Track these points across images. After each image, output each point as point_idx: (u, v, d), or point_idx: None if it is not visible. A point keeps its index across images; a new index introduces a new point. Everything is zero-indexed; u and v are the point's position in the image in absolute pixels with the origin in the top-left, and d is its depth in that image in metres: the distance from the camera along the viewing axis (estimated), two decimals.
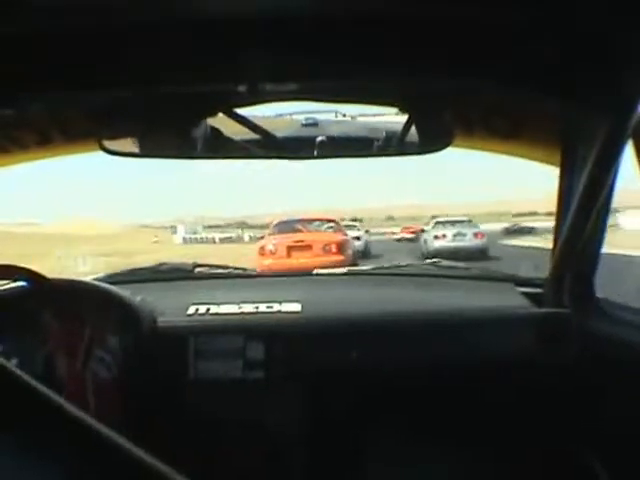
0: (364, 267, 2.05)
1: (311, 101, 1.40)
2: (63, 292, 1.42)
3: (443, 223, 17.41)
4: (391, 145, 1.42)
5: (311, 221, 11.62)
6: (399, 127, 1.38)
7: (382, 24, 1.02)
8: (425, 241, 16.85)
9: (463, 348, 1.50)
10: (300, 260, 9.04)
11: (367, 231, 20.34)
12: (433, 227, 17.32)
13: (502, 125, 1.47)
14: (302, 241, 9.85)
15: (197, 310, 1.55)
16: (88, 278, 1.60)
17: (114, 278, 1.74)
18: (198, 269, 1.89)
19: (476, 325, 1.52)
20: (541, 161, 1.56)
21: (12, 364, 0.33)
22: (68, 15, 0.94)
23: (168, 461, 0.31)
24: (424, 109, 1.38)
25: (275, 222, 11.86)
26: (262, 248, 10.09)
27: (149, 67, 1.12)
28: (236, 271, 1.99)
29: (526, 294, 1.61)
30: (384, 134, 1.42)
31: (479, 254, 14.41)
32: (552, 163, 1.51)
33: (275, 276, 2.11)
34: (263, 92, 1.29)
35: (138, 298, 1.47)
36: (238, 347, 1.46)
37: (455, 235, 15.83)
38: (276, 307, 1.55)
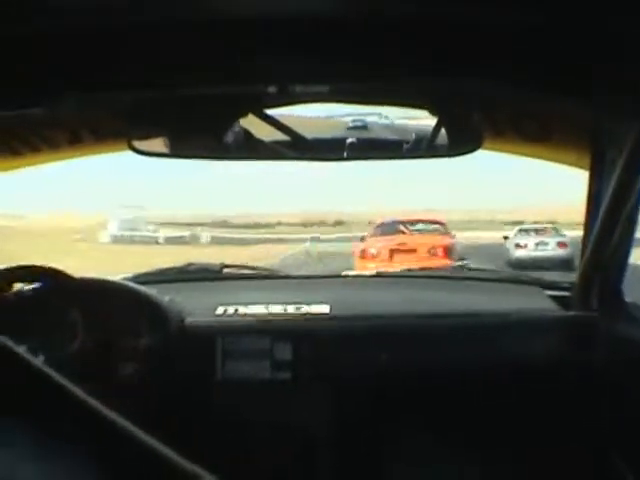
0: (392, 269, 2.05)
1: (340, 102, 1.40)
2: (91, 291, 1.43)
3: (527, 230, 16.39)
4: (421, 147, 1.42)
5: (414, 222, 10.94)
6: (429, 129, 1.38)
7: (411, 26, 1.02)
8: (508, 250, 15.60)
9: (491, 350, 1.50)
10: (404, 264, 8.29)
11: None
12: (515, 235, 16.21)
13: (532, 128, 1.47)
14: (405, 244, 9.34)
15: (225, 310, 1.55)
16: (117, 278, 1.61)
17: (142, 278, 1.75)
18: (226, 270, 1.89)
19: (504, 328, 1.52)
20: (570, 164, 1.56)
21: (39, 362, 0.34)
22: (98, 14, 0.95)
23: (195, 461, 0.31)
24: (453, 111, 1.38)
25: (376, 223, 11.30)
26: (364, 251, 9.62)
27: (178, 67, 1.13)
28: (264, 272, 1.99)
29: (554, 297, 1.61)
30: (414, 136, 1.42)
31: (562, 265, 12.88)
32: (581, 167, 1.51)
33: (303, 278, 2.11)
34: (293, 93, 1.29)
35: (166, 298, 1.48)
36: (266, 348, 1.47)
37: (537, 244, 14.91)
38: (304, 308, 1.55)
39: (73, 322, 1.37)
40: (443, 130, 1.38)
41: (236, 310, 1.55)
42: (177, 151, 1.46)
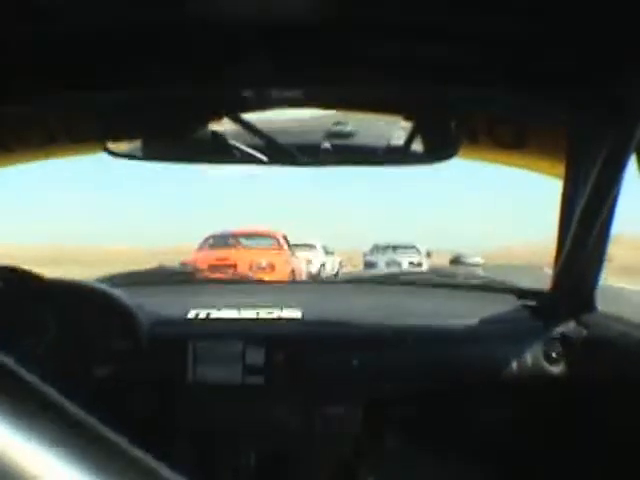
0: (366, 275, 2.06)
1: (317, 108, 1.41)
2: (62, 293, 1.42)
3: (383, 247, 15.70)
4: (395, 154, 1.42)
5: (250, 235, 10.31)
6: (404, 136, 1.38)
7: (390, 33, 1.03)
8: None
9: (462, 358, 1.50)
10: None
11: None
12: (371, 251, 15.55)
13: (507, 136, 1.47)
14: (226, 259, 8.63)
15: (197, 315, 1.54)
16: (88, 280, 1.59)
17: (114, 280, 1.74)
18: (199, 273, 1.89)
19: (476, 336, 1.52)
20: (545, 172, 1.56)
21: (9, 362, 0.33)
22: (76, 17, 0.94)
23: (165, 465, 0.30)
24: (429, 118, 1.38)
25: (206, 235, 10.44)
26: (183, 265, 8.71)
27: (156, 69, 1.13)
28: (237, 276, 1.99)
29: (527, 306, 1.60)
30: (388, 143, 1.42)
31: None
32: (556, 175, 1.51)
33: (276, 282, 2.11)
34: (270, 98, 1.29)
35: (138, 301, 1.47)
36: (238, 352, 1.46)
37: (389, 263, 14.21)
38: (277, 313, 1.54)
39: (43, 323, 1.36)
40: (419, 137, 1.39)
41: (208, 314, 1.54)
42: (152, 154, 1.46)
